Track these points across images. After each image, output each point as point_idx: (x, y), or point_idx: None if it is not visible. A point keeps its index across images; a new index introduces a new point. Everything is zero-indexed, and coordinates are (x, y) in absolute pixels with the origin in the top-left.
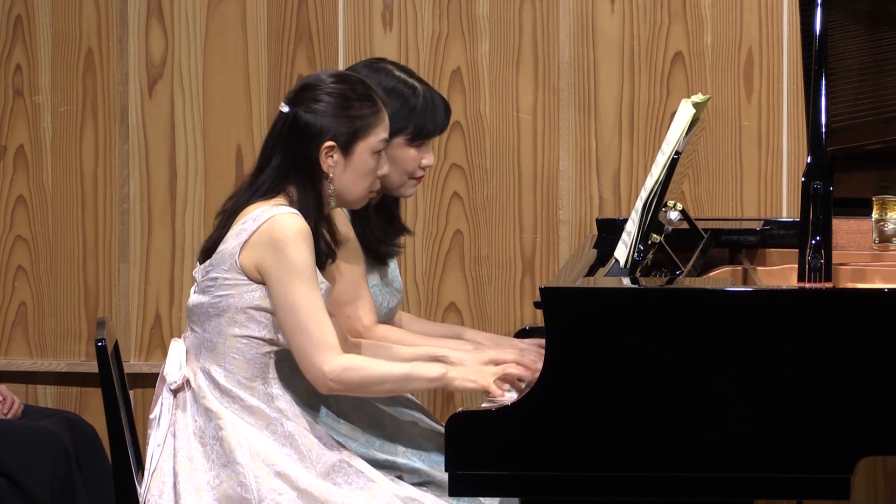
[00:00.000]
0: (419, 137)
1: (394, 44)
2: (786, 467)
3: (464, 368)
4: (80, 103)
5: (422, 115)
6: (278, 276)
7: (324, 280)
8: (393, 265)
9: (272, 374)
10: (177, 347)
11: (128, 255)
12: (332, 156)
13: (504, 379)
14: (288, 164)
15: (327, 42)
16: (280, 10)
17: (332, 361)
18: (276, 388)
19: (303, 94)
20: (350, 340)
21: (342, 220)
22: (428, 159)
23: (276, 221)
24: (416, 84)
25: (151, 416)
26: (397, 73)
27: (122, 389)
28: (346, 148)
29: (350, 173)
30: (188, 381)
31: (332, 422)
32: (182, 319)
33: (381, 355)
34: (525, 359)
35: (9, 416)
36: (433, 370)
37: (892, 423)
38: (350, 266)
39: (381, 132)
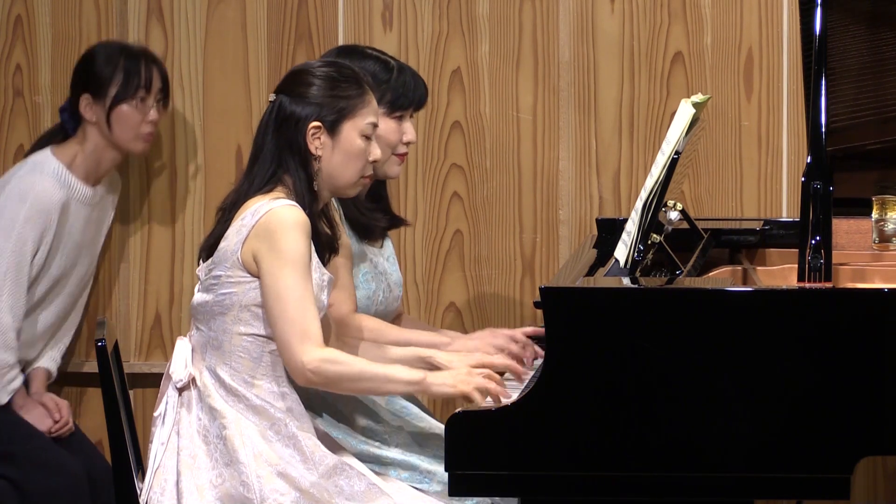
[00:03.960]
0: (397, 107)
1: (394, 44)
2: (786, 467)
3: (444, 374)
4: None
5: (397, 86)
6: (269, 263)
7: (326, 272)
8: (389, 261)
9: (279, 371)
10: (182, 346)
11: (128, 255)
12: (318, 137)
13: (484, 391)
14: (279, 150)
15: (327, 42)
16: (280, 10)
17: (311, 352)
18: (284, 387)
19: (289, 81)
20: (342, 340)
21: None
22: (409, 135)
23: (274, 213)
24: (390, 60)
25: (156, 414)
26: (369, 51)
27: (122, 389)
28: (332, 128)
29: (339, 154)
30: (194, 380)
31: (331, 419)
32: (182, 319)
33: (370, 355)
34: (512, 364)
35: (56, 432)
36: (413, 374)
37: (892, 423)
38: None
39: (368, 115)
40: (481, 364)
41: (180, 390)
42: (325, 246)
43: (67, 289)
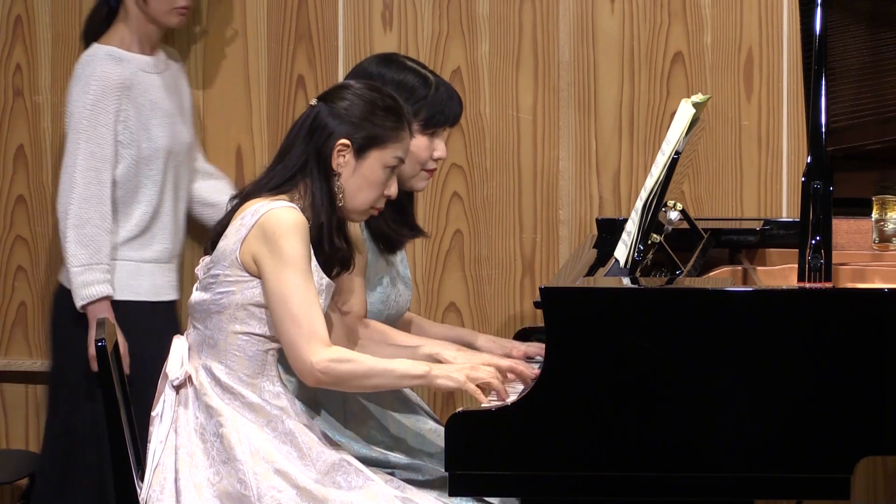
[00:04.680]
0: (432, 124)
1: (394, 44)
2: (786, 467)
3: (448, 367)
4: None
5: (435, 102)
6: (271, 266)
7: (325, 276)
8: (402, 263)
9: (273, 371)
10: (179, 344)
11: None
12: (343, 154)
13: (485, 387)
14: (305, 156)
15: (327, 42)
16: (280, 10)
17: (320, 353)
18: (278, 386)
19: (333, 93)
20: (350, 337)
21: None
22: (440, 151)
23: (272, 215)
24: (429, 74)
25: (154, 414)
26: (410, 63)
27: (122, 389)
28: (359, 151)
29: (357, 178)
30: (190, 378)
31: (332, 419)
32: (182, 319)
33: (375, 352)
34: (519, 367)
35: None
36: (418, 368)
37: (892, 423)
38: None
39: (397, 149)
40: (487, 364)
41: (177, 388)
42: (336, 260)
43: (181, 157)
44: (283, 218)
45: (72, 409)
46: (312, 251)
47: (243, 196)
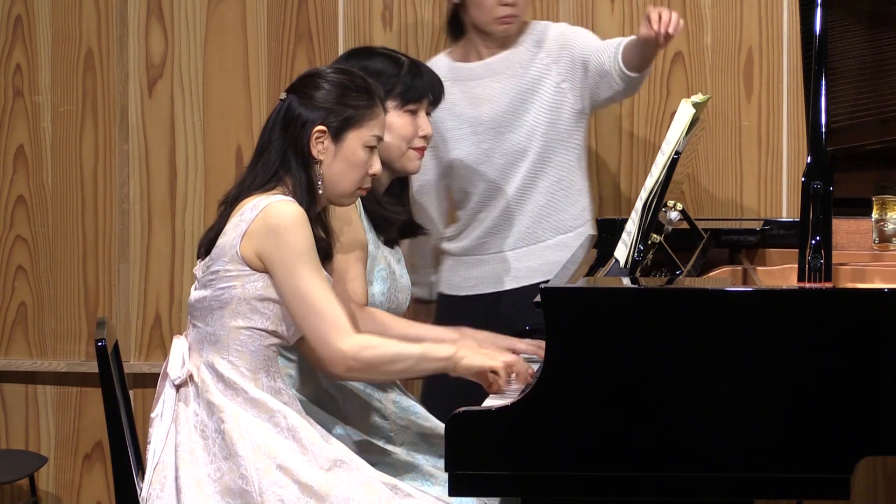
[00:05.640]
0: (409, 100)
1: (394, 44)
2: (786, 467)
3: (472, 350)
4: (80, 103)
5: (406, 78)
6: (282, 262)
7: (323, 270)
8: (399, 264)
9: (275, 367)
10: (179, 344)
11: (128, 255)
12: (322, 141)
13: (511, 369)
14: (284, 150)
15: (327, 42)
16: (280, 10)
17: (348, 340)
18: (280, 382)
19: (301, 82)
20: (357, 319)
21: (350, 206)
22: (425, 128)
23: (273, 209)
24: (400, 56)
25: (153, 415)
26: (380, 49)
27: (122, 389)
28: (336, 135)
29: (339, 162)
30: (191, 376)
31: (335, 415)
32: (182, 319)
33: (388, 334)
34: (520, 365)
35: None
36: (444, 350)
37: (892, 423)
38: (348, 245)
39: (374, 127)
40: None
41: (178, 387)
42: (319, 251)
43: (500, 159)
44: (285, 212)
45: None
46: None
47: (231, 200)
